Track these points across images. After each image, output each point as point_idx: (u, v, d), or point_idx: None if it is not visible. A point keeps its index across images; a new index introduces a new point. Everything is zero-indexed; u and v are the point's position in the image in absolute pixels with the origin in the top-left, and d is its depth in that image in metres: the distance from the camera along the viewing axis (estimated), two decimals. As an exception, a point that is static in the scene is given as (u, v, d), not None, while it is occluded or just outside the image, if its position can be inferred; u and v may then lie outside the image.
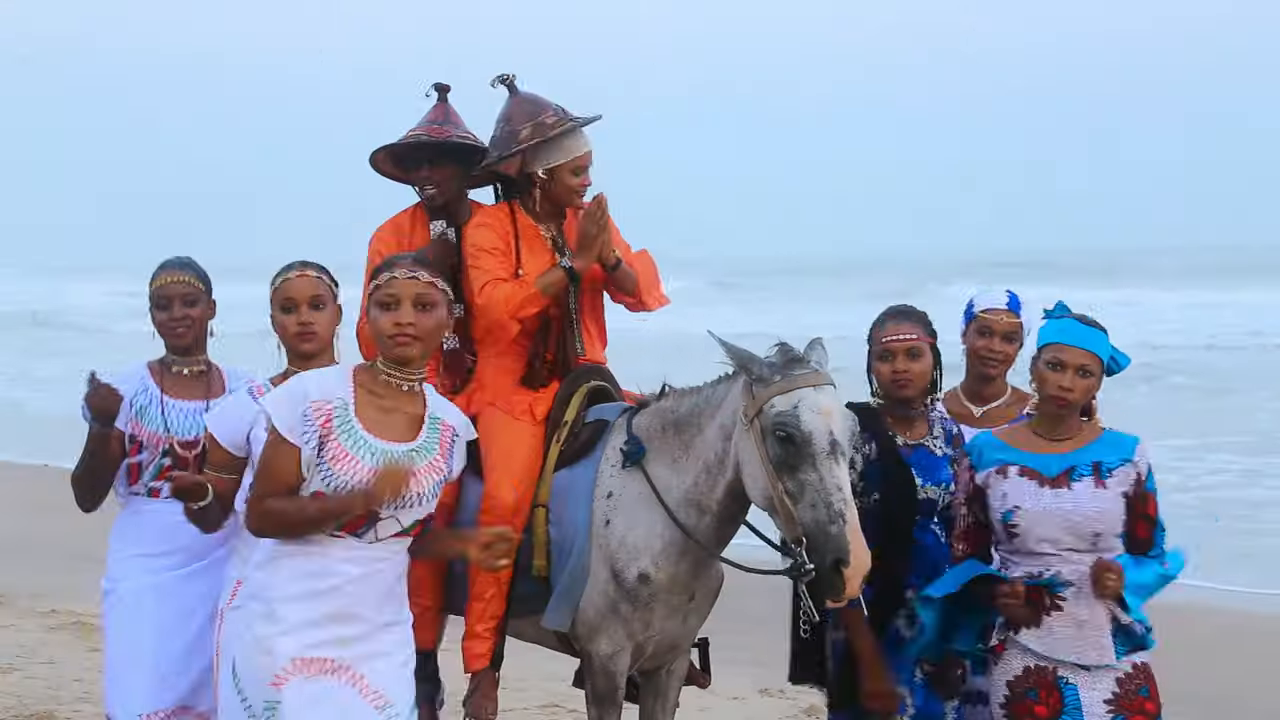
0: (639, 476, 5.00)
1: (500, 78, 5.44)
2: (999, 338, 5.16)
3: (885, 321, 4.89)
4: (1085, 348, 4.53)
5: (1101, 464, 4.54)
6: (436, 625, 5.50)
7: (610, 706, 5.06)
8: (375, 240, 5.61)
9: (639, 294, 5.42)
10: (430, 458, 4.08)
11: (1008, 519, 4.54)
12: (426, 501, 4.08)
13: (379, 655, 4.07)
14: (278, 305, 4.70)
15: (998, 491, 4.58)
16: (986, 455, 4.64)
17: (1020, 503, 4.53)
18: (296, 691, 3.97)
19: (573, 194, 5.37)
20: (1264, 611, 9.63)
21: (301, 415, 4.00)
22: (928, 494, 4.82)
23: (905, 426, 4.88)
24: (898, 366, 4.82)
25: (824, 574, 4.44)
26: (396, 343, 4.02)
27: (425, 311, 4.03)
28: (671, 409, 5.01)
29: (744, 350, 4.71)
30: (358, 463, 3.99)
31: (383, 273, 4.07)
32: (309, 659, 3.99)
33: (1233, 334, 29.71)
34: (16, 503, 12.58)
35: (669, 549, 4.94)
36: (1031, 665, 4.52)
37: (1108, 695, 4.48)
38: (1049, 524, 4.50)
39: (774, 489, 4.54)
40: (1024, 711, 4.52)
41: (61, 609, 9.53)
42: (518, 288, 5.21)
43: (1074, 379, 4.52)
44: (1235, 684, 7.88)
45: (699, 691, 5.74)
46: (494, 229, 5.35)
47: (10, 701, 7.50)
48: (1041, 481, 4.54)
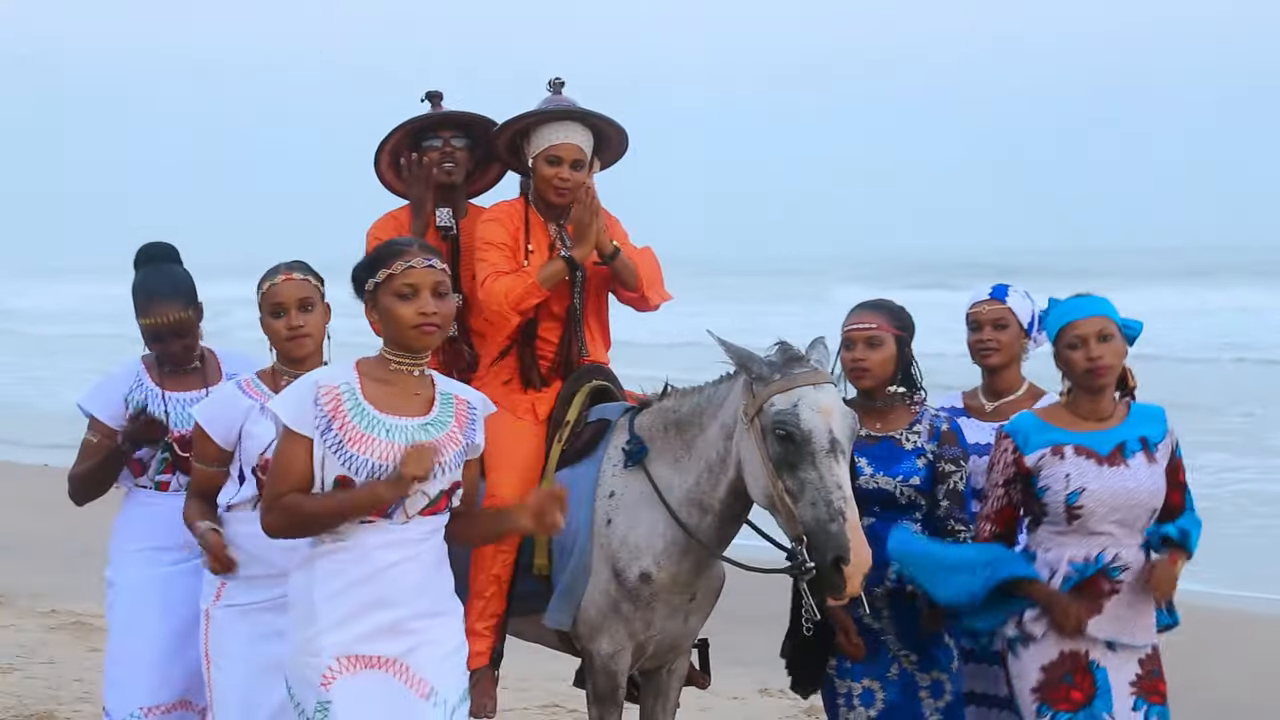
0: (641, 476, 5.00)
1: (551, 81, 5.45)
2: (988, 327, 5.18)
3: (851, 312, 4.98)
4: (1096, 314, 4.53)
5: (1148, 439, 4.54)
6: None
7: (611, 706, 5.06)
8: (375, 229, 5.61)
9: (641, 288, 5.42)
10: (446, 429, 4.06)
11: (1073, 500, 4.49)
12: (450, 471, 4.04)
13: (425, 644, 4.03)
14: (266, 310, 4.66)
15: (1058, 473, 4.51)
16: (1035, 437, 4.57)
17: (1085, 483, 4.48)
18: (344, 689, 3.95)
19: (548, 186, 5.35)
20: (1266, 613, 9.63)
21: (312, 403, 3.98)
22: (878, 484, 4.84)
23: (877, 418, 4.90)
24: (856, 355, 4.88)
25: (825, 572, 4.45)
26: (423, 332, 4.00)
27: (441, 300, 4.03)
28: (673, 409, 5.02)
29: (744, 349, 4.72)
30: (374, 440, 3.96)
31: (393, 261, 4.02)
32: (354, 656, 3.97)
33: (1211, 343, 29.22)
34: (16, 503, 12.58)
35: (671, 548, 4.94)
36: (1066, 650, 4.50)
37: (1132, 677, 4.50)
38: (1114, 503, 4.48)
39: (774, 487, 4.54)
40: (1061, 696, 4.50)
41: (61, 609, 9.53)
42: (518, 280, 5.22)
43: (1099, 346, 4.50)
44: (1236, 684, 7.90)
45: (699, 691, 5.75)
46: (502, 223, 5.36)
47: (10, 701, 7.50)
48: (1099, 460, 4.51)
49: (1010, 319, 5.17)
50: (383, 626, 3.98)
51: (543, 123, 5.33)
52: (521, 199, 5.47)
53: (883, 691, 4.85)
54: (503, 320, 5.24)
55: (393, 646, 4.00)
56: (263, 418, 4.40)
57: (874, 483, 4.84)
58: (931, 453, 4.86)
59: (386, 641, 3.99)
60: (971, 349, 5.24)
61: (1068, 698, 4.50)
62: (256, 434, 4.51)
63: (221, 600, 4.57)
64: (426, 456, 3.91)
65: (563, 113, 5.34)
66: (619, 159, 5.60)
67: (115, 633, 4.97)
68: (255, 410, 4.51)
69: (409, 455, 3.91)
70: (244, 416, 4.52)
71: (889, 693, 4.84)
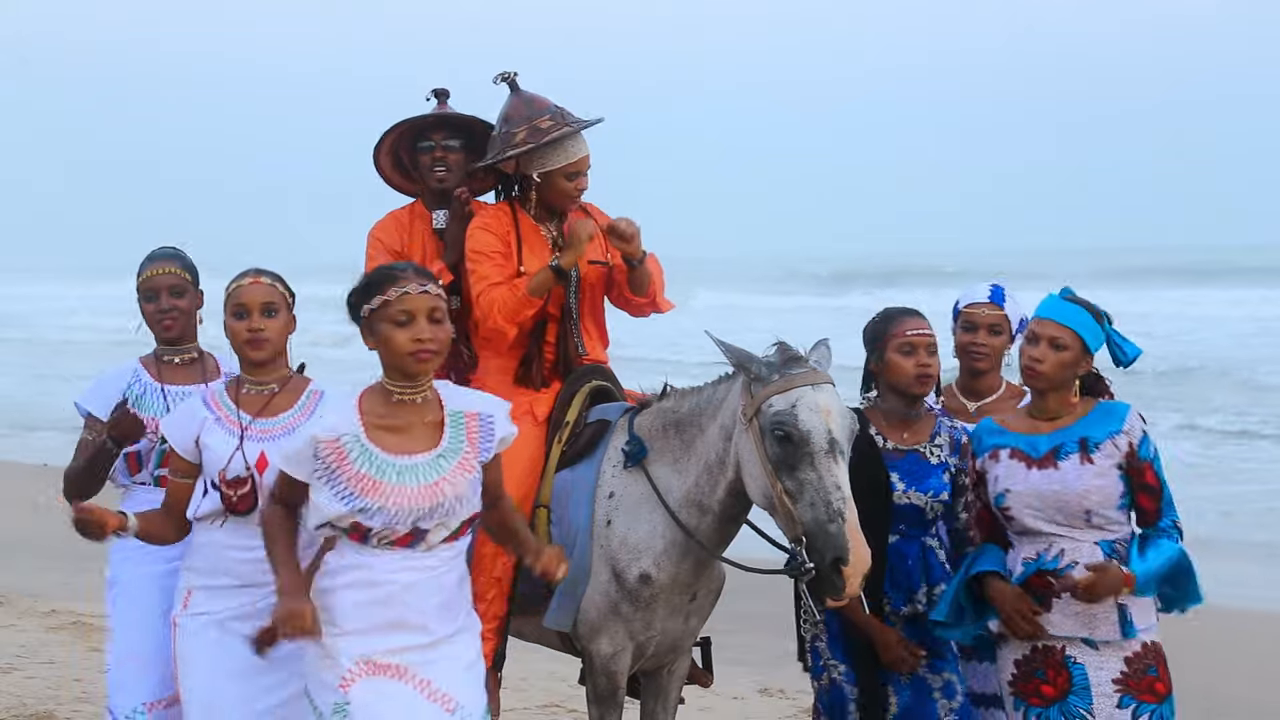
0: (640, 477, 5.00)
1: (502, 75, 5.43)
2: (983, 330, 5.16)
3: (900, 318, 4.86)
4: (1059, 320, 4.51)
5: (1088, 439, 4.51)
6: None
7: (611, 706, 5.05)
8: (374, 235, 5.61)
9: (653, 295, 5.42)
10: (457, 459, 4.04)
11: (999, 502, 4.56)
12: (466, 503, 4.04)
13: (445, 659, 4.04)
14: (230, 311, 4.60)
15: (992, 475, 4.59)
16: (984, 440, 4.65)
17: (1009, 485, 4.53)
18: (364, 689, 3.96)
19: (567, 198, 5.36)
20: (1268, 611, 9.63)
21: (311, 456, 4.00)
22: (910, 499, 4.79)
23: (903, 429, 4.84)
24: (922, 360, 4.78)
25: (824, 573, 4.44)
26: (417, 359, 3.99)
27: (439, 324, 4.02)
28: (673, 409, 5.01)
29: (742, 350, 4.71)
30: (386, 486, 3.96)
31: (388, 287, 4.01)
32: (374, 661, 3.98)
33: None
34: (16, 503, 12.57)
35: (670, 549, 4.94)
36: (1039, 645, 4.51)
37: (1115, 675, 4.47)
38: (1038, 504, 4.49)
39: (773, 488, 4.53)
40: (1031, 690, 4.52)
41: (61, 609, 9.53)
42: (511, 293, 5.21)
43: (1045, 350, 4.50)
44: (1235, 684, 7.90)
45: (700, 691, 5.75)
46: (492, 230, 5.34)
47: (10, 701, 7.50)
48: (1029, 463, 4.53)
49: (1005, 326, 5.16)
50: (400, 646, 3.99)
51: (554, 140, 5.29)
52: (507, 203, 5.46)
53: (895, 695, 4.80)
54: (499, 335, 5.24)
55: (413, 659, 4.00)
56: (218, 428, 4.46)
57: (906, 499, 4.78)
58: (954, 466, 4.81)
59: (406, 654, 4.00)
60: (961, 349, 5.21)
61: (1038, 692, 4.51)
62: (212, 445, 4.50)
63: (189, 609, 4.55)
64: (300, 619, 3.95)
65: (573, 130, 5.32)
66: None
67: (117, 631, 4.98)
68: (211, 421, 4.51)
69: (283, 616, 3.96)
70: (200, 427, 4.51)
71: (902, 696, 4.80)
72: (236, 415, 4.52)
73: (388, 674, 3.98)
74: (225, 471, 4.46)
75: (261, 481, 4.44)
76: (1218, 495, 13.35)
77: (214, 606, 4.52)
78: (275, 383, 4.58)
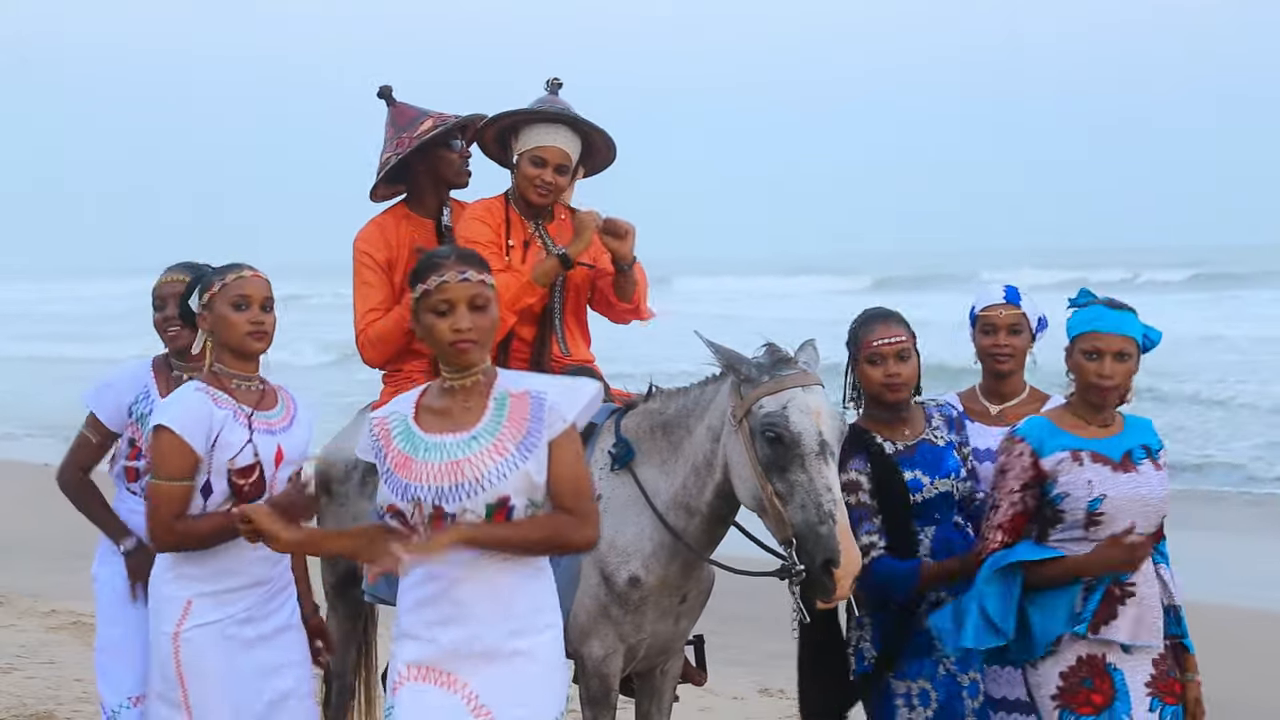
0: (628, 479, 4.96)
1: (552, 80, 5.44)
2: (1004, 331, 5.09)
3: (871, 324, 4.83)
4: (1120, 332, 4.46)
5: (1150, 446, 4.51)
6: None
7: (604, 708, 5.03)
8: (360, 241, 5.60)
9: (638, 301, 5.42)
10: (490, 441, 3.92)
11: (1094, 507, 4.44)
12: (490, 487, 3.88)
13: (497, 671, 3.92)
14: (227, 302, 4.50)
15: (1078, 479, 4.45)
16: (1050, 441, 4.50)
17: (1106, 490, 4.44)
18: (410, 694, 3.93)
19: (529, 185, 5.36)
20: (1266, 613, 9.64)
21: (369, 435, 4.02)
22: (938, 489, 4.75)
23: (900, 427, 4.82)
24: (890, 370, 4.76)
25: (814, 575, 4.43)
26: (458, 349, 3.93)
27: (480, 312, 3.94)
28: (659, 410, 4.98)
29: (731, 350, 4.68)
30: (414, 462, 3.91)
31: (429, 275, 3.95)
32: (423, 667, 3.93)
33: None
34: (16, 503, 12.60)
35: (659, 551, 4.91)
36: (1084, 655, 4.47)
37: (1146, 678, 4.47)
38: (1131, 509, 4.44)
39: (763, 490, 4.51)
40: (1081, 701, 4.47)
41: (61, 609, 9.55)
42: (512, 278, 5.21)
43: (1113, 365, 4.45)
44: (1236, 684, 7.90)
45: (699, 691, 5.75)
46: (485, 221, 5.38)
47: (10, 701, 7.51)
48: (1114, 466, 4.47)
49: (1024, 324, 5.11)
50: (453, 646, 3.91)
51: (532, 122, 5.33)
52: (502, 196, 5.48)
53: (935, 692, 4.77)
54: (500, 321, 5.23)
55: (463, 667, 3.92)
56: (234, 423, 4.41)
57: (934, 489, 4.74)
58: (956, 441, 4.82)
59: (457, 661, 3.92)
60: (983, 353, 5.13)
61: (1089, 701, 4.47)
62: (233, 442, 4.42)
63: (190, 621, 4.41)
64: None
65: (554, 115, 5.35)
66: (605, 169, 5.61)
67: (101, 625, 5.02)
68: (228, 418, 4.43)
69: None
70: (220, 425, 4.41)
71: (940, 693, 4.76)
72: (238, 407, 4.47)
73: (435, 680, 3.93)
74: (235, 460, 4.42)
75: (273, 472, 4.45)
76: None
77: (218, 613, 4.43)
78: (257, 379, 4.57)
